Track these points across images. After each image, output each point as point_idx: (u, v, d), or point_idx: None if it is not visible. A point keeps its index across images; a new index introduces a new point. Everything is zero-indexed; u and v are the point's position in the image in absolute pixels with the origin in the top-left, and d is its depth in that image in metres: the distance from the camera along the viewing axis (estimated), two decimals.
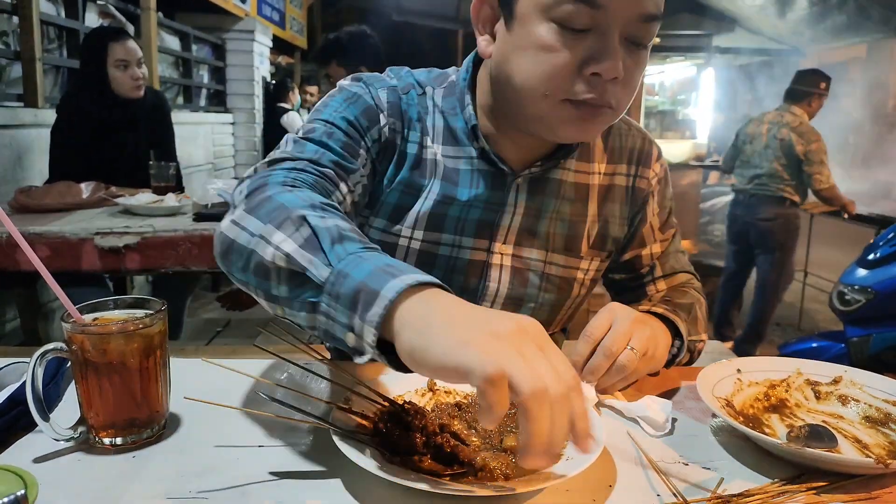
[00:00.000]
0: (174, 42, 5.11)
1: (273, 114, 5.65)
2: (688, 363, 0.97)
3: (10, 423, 0.68)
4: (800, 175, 3.55)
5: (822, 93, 3.63)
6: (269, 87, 6.22)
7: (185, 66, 5.31)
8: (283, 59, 8.47)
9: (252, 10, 6.06)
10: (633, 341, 0.78)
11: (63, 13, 3.56)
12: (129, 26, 3.84)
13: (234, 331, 3.32)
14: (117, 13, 3.76)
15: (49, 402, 0.68)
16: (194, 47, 5.44)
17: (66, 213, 2.24)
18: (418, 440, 0.64)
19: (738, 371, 0.82)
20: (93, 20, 3.80)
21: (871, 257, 2.68)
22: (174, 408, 0.73)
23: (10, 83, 3.18)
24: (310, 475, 0.63)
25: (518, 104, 0.83)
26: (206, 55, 5.81)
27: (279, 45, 7.48)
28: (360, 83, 0.92)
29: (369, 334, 0.55)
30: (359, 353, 0.59)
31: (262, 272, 0.66)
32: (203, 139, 5.32)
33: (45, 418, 0.63)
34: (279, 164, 0.80)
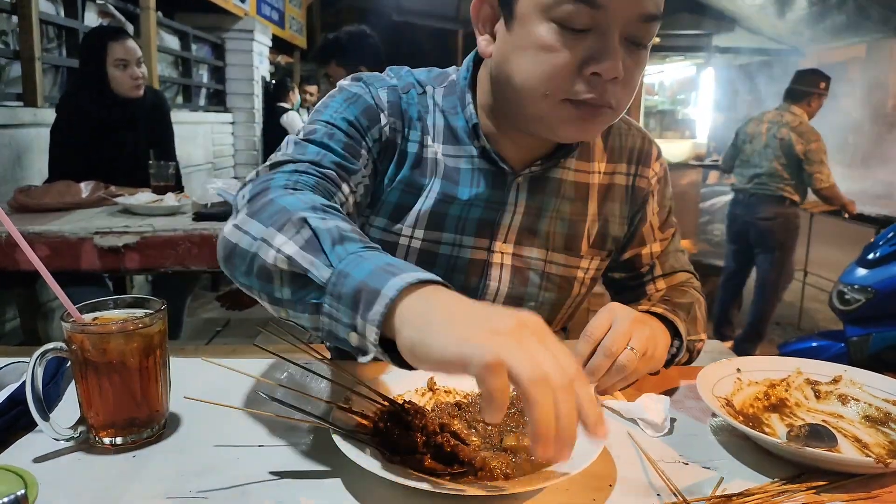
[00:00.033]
0: (173, 41, 5.10)
1: (273, 113, 5.65)
2: (687, 363, 0.97)
3: (10, 423, 0.68)
4: (800, 174, 3.56)
5: (821, 92, 3.64)
6: (270, 86, 6.21)
7: (185, 66, 5.31)
8: (282, 59, 8.47)
9: (251, 9, 6.06)
10: (632, 341, 0.78)
11: (62, 12, 3.56)
12: (129, 26, 3.83)
13: (233, 330, 3.32)
14: (116, 12, 3.76)
15: (49, 401, 0.68)
16: (194, 47, 5.44)
17: (66, 212, 2.24)
18: (418, 440, 0.64)
19: (738, 370, 0.82)
20: (92, 19, 3.80)
21: (870, 257, 2.68)
22: (174, 407, 0.73)
23: (10, 82, 3.18)
24: (310, 475, 0.63)
25: (518, 104, 0.83)
26: (206, 55, 5.81)
27: (278, 45, 7.48)
28: (360, 83, 0.92)
29: (372, 333, 0.56)
30: (362, 353, 0.59)
31: (265, 275, 0.66)
32: (202, 139, 5.32)
33: (45, 418, 0.63)
34: (281, 166, 0.80)
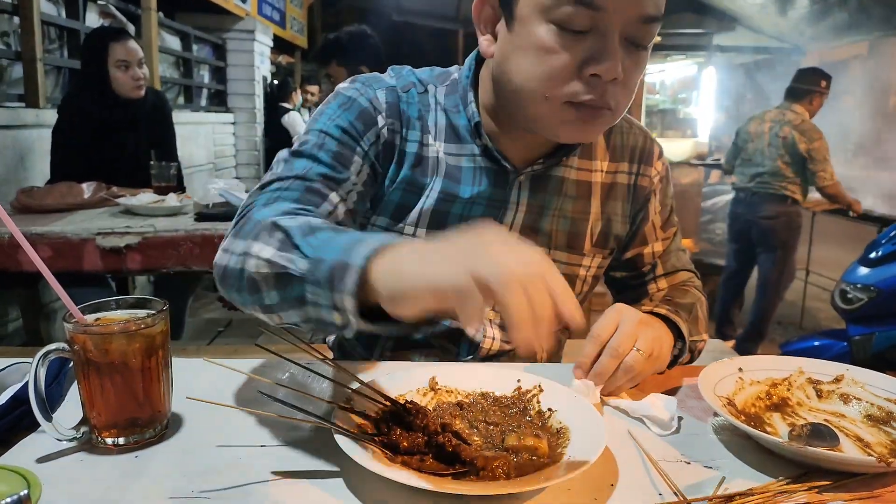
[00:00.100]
0: (175, 42, 5.11)
1: (274, 113, 5.65)
2: (688, 362, 0.97)
3: (13, 423, 0.68)
4: (803, 173, 3.55)
5: (822, 91, 3.63)
6: (272, 86, 6.22)
7: (186, 66, 5.31)
8: (283, 59, 8.47)
9: (252, 9, 6.06)
10: (639, 342, 0.79)
11: (64, 13, 3.56)
12: (130, 26, 3.83)
13: (235, 331, 3.32)
14: (118, 13, 3.76)
15: (52, 402, 0.68)
16: (195, 47, 5.44)
17: (68, 213, 2.25)
18: (420, 440, 0.64)
19: (740, 370, 0.82)
20: (93, 20, 3.80)
21: (873, 255, 2.67)
22: (176, 408, 0.73)
23: (12, 84, 3.18)
24: (312, 475, 0.63)
25: (519, 105, 0.83)
26: (207, 55, 5.81)
27: (280, 45, 7.48)
28: (357, 85, 0.92)
29: (349, 303, 0.59)
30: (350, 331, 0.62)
31: (253, 286, 0.70)
32: (204, 139, 5.32)
33: (48, 418, 0.63)
34: (268, 186, 0.84)
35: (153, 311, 0.70)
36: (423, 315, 0.57)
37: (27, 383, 0.63)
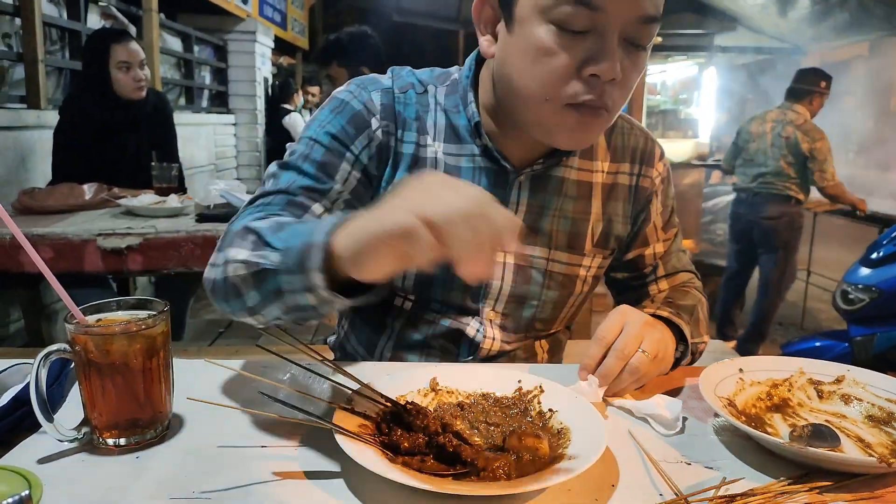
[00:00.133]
0: (176, 43, 5.11)
1: (276, 114, 5.66)
2: (689, 364, 0.97)
3: (15, 424, 0.68)
4: (805, 173, 3.54)
5: (822, 91, 3.63)
6: (274, 87, 6.22)
7: (187, 68, 5.31)
8: (284, 60, 8.48)
9: (254, 11, 6.07)
10: (644, 344, 0.79)
11: (65, 15, 3.57)
12: (131, 27, 3.84)
13: (236, 331, 3.33)
14: (119, 14, 3.77)
15: (53, 402, 0.68)
16: (196, 48, 5.45)
17: (69, 214, 2.25)
18: (421, 440, 0.64)
19: (741, 370, 0.82)
20: (95, 21, 3.81)
21: (874, 256, 2.67)
22: (177, 408, 0.73)
23: (13, 85, 3.19)
24: (313, 476, 0.63)
25: (518, 107, 0.83)
26: (208, 56, 5.82)
27: (281, 46, 7.49)
28: (352, 88, 0.93)
29: (318, 279, 0.63)
30: (330, 307, 0.67)
31: (235, 291, 0.75)
32: (205, 140, 5.32)
33: (49, 419, 0.63)
34: (256, 201, 0.87)
35: (154, 312, 0.70)
36: (388, 271, 0.60)
37: (28, 384, 0.63)
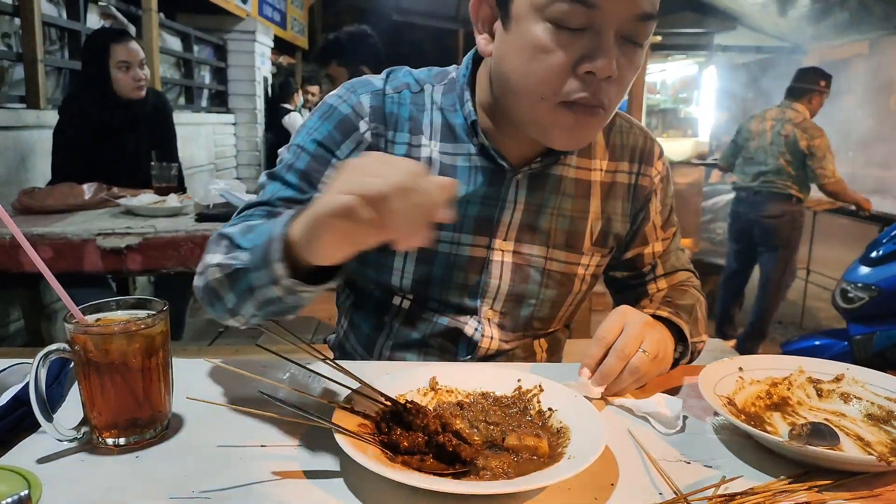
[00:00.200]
0: (175, 43, 5.11)
1: (275, 114, 5.65)
2: (688, 363, 0.97)
3: (14, 424, 0.68)
4: (805, 171, 3.54)
5: (822, 90, 3.63)
6: (274, 87, 6.21)
7: (187, 67, 5.31)
8: (284, 60, 8.48)
9: (253, 10, 6.07)
10: (644, 344, 0.79)
11: (64, 14, 3.57)
12: (131, 27, 3.84)
13: (235, 331, 3.32)
14: (119, 14, 3.76)
15: (52, 402, 0.68)
16: (196, 48, 5.44)
17: (69, 214, 2.25)
18: (420, 439, 0.64)
19: (740, 369, 0.82)
20: (94, 21, 3.81)
21: (874, 255, 2.67)
22: (177, 408, 0.73)
23: (13, 85, 3.19)
24: (312, 475, 0.63)
25: (514, 106, 0.83)
26: (208, 56, 5.81)
27: (280, 46, 7.49)
28: (342, 91, 0.94)
29: (280, 269, 0.68)
30: (295, 297, 0.71)
31: (215, 293, 0.80)
32: (205, 140, 5.32)
33: (49, 419, 0.63)
34: (242, 212, 0.91)
35: (153, 312, 0.70)
36: (340, 252, 0.64)
37: (28, 384, 0.63)
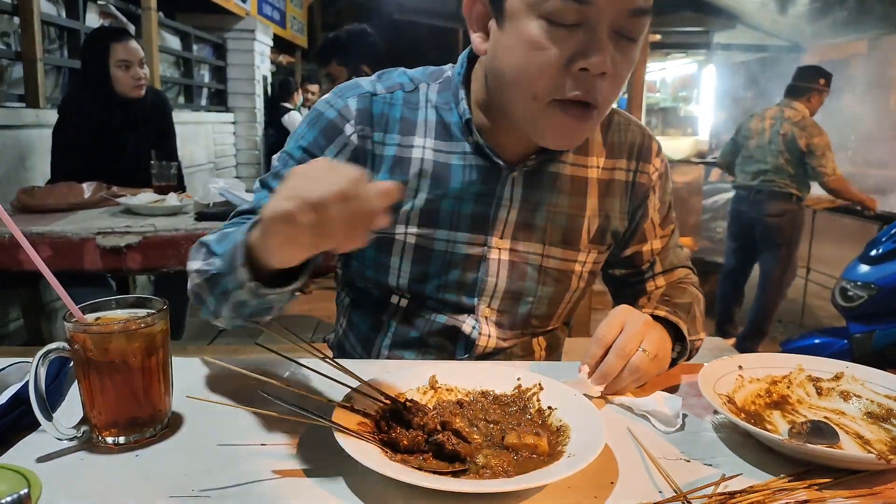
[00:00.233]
0: (175, 42, 5.11)
1: (275, 113, 5.65)
2: (685, 361, 0.97)
3: (14, 423, 0.68)
4: (804, 169, 3.54)
5: (821, 89, 3.62)
6: (273, 85, 6.21)
7: (186, 66, 5.31)
8: (283, 58, 8.47)
9: (252, 9, 6.06)
10: (644, 343, 0.79)
11: (64, 13, 3.56)
12: (130, 26, 3.84)
13: (235, 330, 3.31)
14: (118, 13, 3.76)
15: (52, 401, 0.68)
16: (195, 47, 5.44)
17: (68, 213, 2.25)
18: (420, 438, 0.64)
19: (740, 367, 0.82)
20: (93, 20, 3.81)
21: (873, 253, 2.67)
22: (177, 407, 0.73)
23: (12, 84, 3.19)
24: (312, 473, 0.63)
25: (508, 103, 0.83)
26: (207, 55, 5.81)
27: (280, 44, 7.49)
28: (330, 97, 0.95)
29: (242, 273, 0.71)
30: (263, 301, 0.74)
31: (198, 298, 0.85)
32: (204, 138, 5.32)
33: (48, 418, 0.63)
34: (232, 219, 0.93)
35: (153, 311, 0.70)
36: (292, 255, 0.66)
37: (27, 383, 0.63)
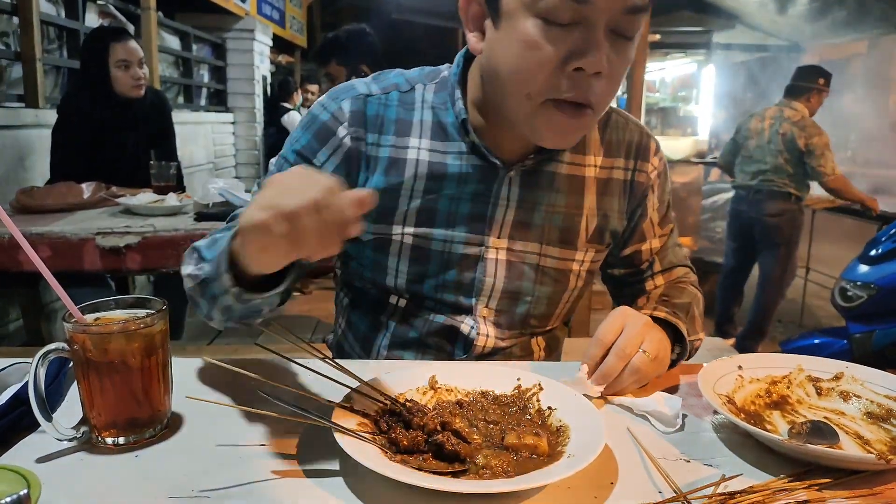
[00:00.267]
0: (174, 42, 5.11)
1: (275, 113, 5.65)
2: (685, 360, 0.97)
3: (13, 423, 0.68)
4: (803, 169, 3.54)
5: (821, 89, 3.62)
6: (273, 85, 6.21)
7: (186, 66, 5.31)
8: (283, 58, 8.47)
9: (252, 9, 6.06)
10: (645, 344, 0.80)
11: (63, 13, 3.56)
12: (130, 26, 3.84)
13: (235, 330, 3.30)
14: (117, 13, 3.76)
15: (51, 401, 0.68)
16: (194, 47, 5.44)
17: (68, 213, 2.25)
18: (420, 438, 0.64)
19: (740, 368, 0.82)
20: (93, 20, 3.80)
21: (873, 253, 2.67)
22: (176, 407, 0.73)
23: (11, 84, 3.18)
24: (312, 474, 0.63)
25: (504, 103, 0.83)
26: (207, 54, 5.81)
27: (279, 44, 7.48)
28: (324, 99, 0.95)
29: (226, 279, 0.73)
30: (251, 306, 0.77)
31: (194, 301, 0.86)
32: (204, 138, 5.32)
33: (48, 418, 0.63)
34: (228, 222, 0.93)
35: (152, 311, 0.70)
36: (270, 262, 0.67)
37: (27, 383, 0.63)
